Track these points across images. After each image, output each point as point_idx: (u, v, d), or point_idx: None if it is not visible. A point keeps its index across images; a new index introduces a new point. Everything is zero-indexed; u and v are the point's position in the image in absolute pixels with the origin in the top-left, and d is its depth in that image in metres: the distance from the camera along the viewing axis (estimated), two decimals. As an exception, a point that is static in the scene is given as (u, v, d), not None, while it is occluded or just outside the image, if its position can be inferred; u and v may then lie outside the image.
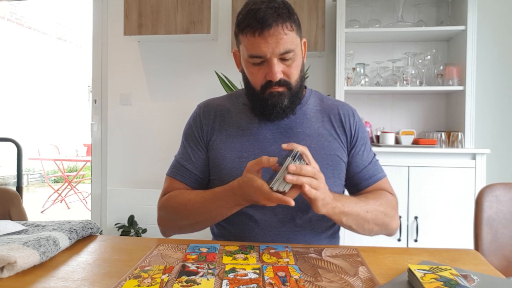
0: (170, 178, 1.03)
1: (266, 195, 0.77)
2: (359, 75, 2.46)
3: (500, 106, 2.53)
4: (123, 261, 0.78)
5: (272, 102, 0.93)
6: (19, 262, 0.69)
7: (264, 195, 0.77)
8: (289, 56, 0.90)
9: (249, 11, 0.88)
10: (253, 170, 0.80)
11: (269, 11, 0.86)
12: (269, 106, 0.93)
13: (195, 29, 2.54)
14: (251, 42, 0.88)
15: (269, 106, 0.93)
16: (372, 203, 0.93)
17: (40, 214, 4.78)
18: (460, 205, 2.12)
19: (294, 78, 0.93)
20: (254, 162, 0.81)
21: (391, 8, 2.52)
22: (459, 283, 0.61)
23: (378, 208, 0.93)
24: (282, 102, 0.93)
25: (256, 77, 0.93)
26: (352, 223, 0.89)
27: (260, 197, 0.79)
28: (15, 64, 6.88)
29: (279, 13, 0.86)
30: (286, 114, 0.96)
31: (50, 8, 7.70)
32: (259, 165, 0.80)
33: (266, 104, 0.93)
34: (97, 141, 3.00)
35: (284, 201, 0.75)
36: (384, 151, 2.17)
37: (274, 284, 0.66)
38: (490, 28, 2.52)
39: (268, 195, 0.76)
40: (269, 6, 0.87)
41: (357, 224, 0.90)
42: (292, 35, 0.89)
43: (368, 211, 0.91)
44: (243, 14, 0.89)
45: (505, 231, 1.11)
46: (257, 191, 0.78)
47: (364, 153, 1.02)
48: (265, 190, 0.77)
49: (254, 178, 0.79)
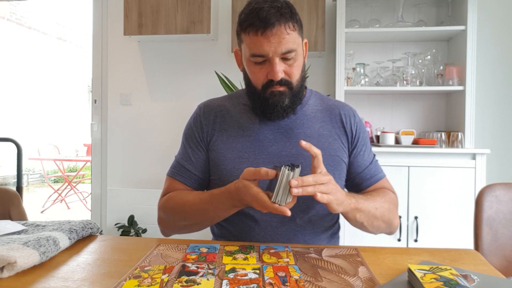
0: (170, 179, 1.03)
1: (262, 204, 0.76)
2: (359, 75, 2.45)
3: (500, 106, 2.53)
4: (123, 261, 0.78)
5: (273, 101, 0.93)
6: (19, 262, 0.69)
7: (260, 204, 0.77)
8: (291, 56, 0.90)
9: (252, 10, 0.88)
10: (249, 178, 0.80)
11: (272, 11, 0.86)
12: (270, 105, 0.93)
13: (195, 29, 2.54)
14: (254, 41, 0.89)
15: (270, 106, 0.93)
16: (378, 199, 0.94)
17: (40, 214, 4.78)
18: (460, 205, 2.12)
19: (295, 77, 0.93)
20: (251, 172, 0.79)
21: (391, 8, 2.52)
22: (459, 283, 0.61)
23: (384, 205, 0.94)
24: (283, 101, 0.93)
25: (257, 76, 0.93)
26: (364, 220, 0.90)
27: (255, 205, 0.79)
28: (15, 64, 6.88)
29: (281, 13, 0.87)
30: (286, 114, 0.96)
31: (50, 8, 7.70)
32: (256, 176, 0.79)
33: (267, 103, 0.93)
34: (97, 141, 3.00)
35: (281, 211, 0.75)
36: (384, 151, 2.17)
37: (274, 284, 0.66)
38: (490, 28, 2.52)
39: (264, 204, 0.76)
40: (272, 5, 0.87)
41: (368, 221, 0.91)
42: (294, 35, 0.89)
43: (376, 207, 0.92)
44: (246, 13, 0.89)
45: (505, 231, 1.11)
46: (252, 198, 0.78)
47: (365, 154, 1.03)
48: (261, 198, 0.76)
49: (249, 185, 0.79)
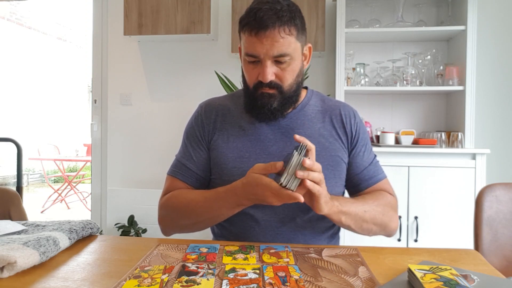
0: (171, 177, 1.03)
1: (276, 192, 0.77)
2: (359, 75, 2.45)
3: (500, 106, 2.53)
4: (123, 261, 0.78)
5: (262, 102, 0.93)
6: (19, 262, 0.69)
7: (273, 192, 0.77)
8: (284, 60, 0.89)
9: (251, 9, 0.88)
10: (259, 171, 0.80)
11: (269, 13, 0.86)
12: (258, 106, 0.94)
13: (195, 29, 2.54)
14: (248, 40, 0.89)
15: (258, 106, 0.94)
16: (370, 203, 0.93)
17: (40, 214, 4.78)
18: (460, 205, 2.12)
19: (287, 82, 0.92)
20: (262, 167, 0.80)
21: (391, 8, 2.52)
22: (459, 283, 0.61)
23: (376, 208, 0.93)
24: (271, 104, 0.93)
25: (250, 75, 0.94)
26: (350, 223, 0.89)
27: (269, 195, 0.79)
28: (15, 64, 6.88)
29: (279, 16, 0.86)
30: (274, 116, 0.96)
31: (50, 8, 7.70)
32: (267, 170, 0.79)
33: (255, 103, 0.94)
34: (97, 141, 3.00)
35: (294, 197, 0.75)
36: (384, 151, 2.17)
37: (274, 284, 0.66)
38: (490, 28, 2.52)
39: (278, 191, 0.76)
40: (271, 7, 0.86)
41: (355, 224, 0.90)
42: (290, 39, 0.88)
43: (366, 210, 0.91)
44: (246, 12, 0.90)
45: (505, 231, 1.11)
46: (265, 188, 0.78)
47: (364, 154, 1.03)
48: (274, 186, 0.77)
49: (261, 177, 0.79)
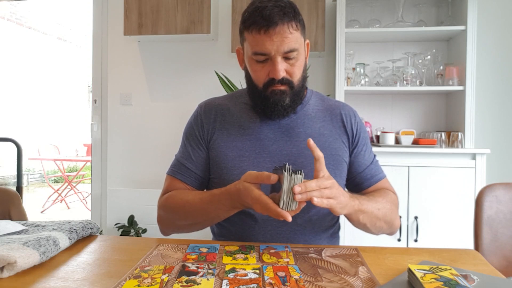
0: (171, 177, 1.03)
1: (264, 206, 0.75)
2: (359, 75, 2.45)
3: (500, 106, 2.53)
4: (123, 261, 0.78)
5: (274, 100, 0.93)
6: (19, 262, 0.69)
7: (262, 206, 0.76)
8: (293, 55, 0.90)
9: (256, 8, 0.89)
10: (251, 181, 0.79)
11: (276, 10, 0.87)
12: (271, 104, 0.94)
13: (195, 29, 2.54)
14: (256, 39, 0.89)
15: (271, 104, 0.94)
16: (380, 200, 0.94)
17: (40, 214, 4.78)
18: (460, 205, 2.12)
19: (296, 77, 0.93)
20: (254, 176, 0.79)
21: (391, 8, 2.52)
22: (459, 283, 0.61)
23: (386, 205, 0.94)
24: (284, 100, 0.93)
25: (259, 74, 0.93)
26: (367, 221, 0.90)
27: (258, 208, 0.78)
28: (15, 64, 6.88)
29: (285, 12, 0.87)
30: (287, 113, 0.96)
31: (50, 8, 7.69)
32: (258, 180, 0.78)
33: (268, 102, 0.94)
34: (97, 141, 3.00)
35: (282, 216, 0.74)
36: (384, 151, 2.17)
37: (274, 284, 0.66)
38: (490, 28, 2.52)
39: (266, 206, 0.75)
40: (276, 4, 0.88)
41: (371, 222, 0.91)
42: (297, 34, 0.90)
43: (379, 208, 0.92)
44: (249, 12, 0.90)
45: (505, 231, 1.11)
46: (254, 200, 0.78)
47: (366, 153, 1.03)
48: (263, 201, 0.75)
49: (250, 188, 0.78)
